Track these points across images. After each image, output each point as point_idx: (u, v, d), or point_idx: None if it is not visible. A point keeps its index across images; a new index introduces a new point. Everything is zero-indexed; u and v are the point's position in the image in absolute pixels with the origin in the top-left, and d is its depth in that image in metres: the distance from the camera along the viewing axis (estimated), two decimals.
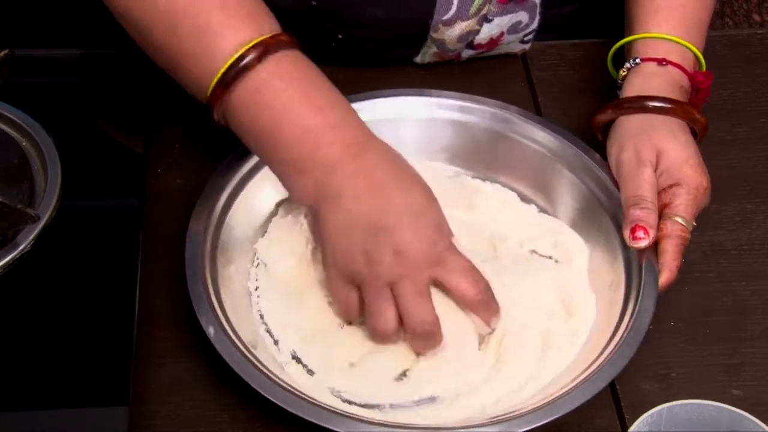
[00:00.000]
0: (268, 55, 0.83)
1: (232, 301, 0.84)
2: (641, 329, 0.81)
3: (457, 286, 0.82)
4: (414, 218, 0.81)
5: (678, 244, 0.86)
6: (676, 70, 0.94)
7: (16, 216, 0.84)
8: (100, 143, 0.94)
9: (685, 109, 0.91)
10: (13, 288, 0.83)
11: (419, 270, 0.81)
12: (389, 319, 0.81)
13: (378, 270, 0.80)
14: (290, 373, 0.83)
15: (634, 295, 0.84)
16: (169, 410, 0.82)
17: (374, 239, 0.80)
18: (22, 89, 0.95)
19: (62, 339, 0.81)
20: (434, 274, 0.81)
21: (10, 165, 0.91)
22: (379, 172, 0.83)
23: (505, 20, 1.02)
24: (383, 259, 0.80)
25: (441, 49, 1.04)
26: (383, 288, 0.81)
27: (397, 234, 0.80)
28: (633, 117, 0.91)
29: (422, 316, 0.81)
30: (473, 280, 0.82)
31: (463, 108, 0.96)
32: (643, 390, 0.84)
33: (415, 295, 0.81)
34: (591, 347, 0.83)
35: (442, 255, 0.81)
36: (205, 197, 0.88)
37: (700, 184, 0.88)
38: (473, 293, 0.82)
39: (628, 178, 0.88)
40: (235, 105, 0.84)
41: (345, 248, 0.81)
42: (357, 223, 0.81)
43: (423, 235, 0.81)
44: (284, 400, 0.76)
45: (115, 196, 0.91)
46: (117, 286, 0.84)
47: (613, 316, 0.84)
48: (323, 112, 0.84)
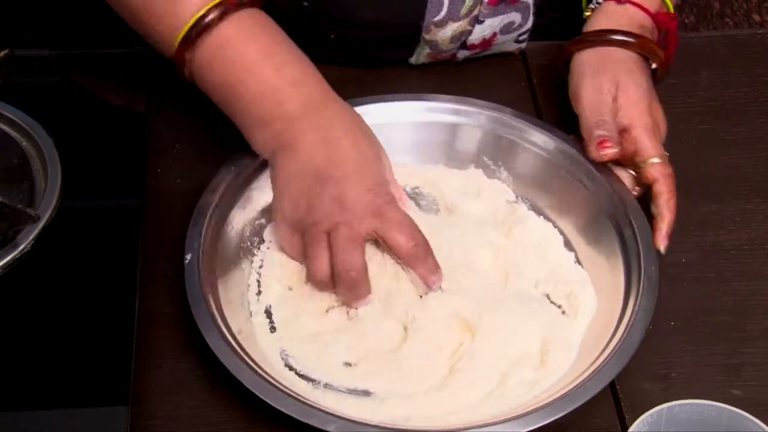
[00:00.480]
0: (231, 14, 0.87)
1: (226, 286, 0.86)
2: (641, 329, 0.81)
3: (393, 239, 0.84)
4: (359, 171, 0.85)
5: (668, 183, 0.90)
6: (635, 9, 0.97)
7: (16, 216, 0.84)
8: (100, 143, 0.94)
9: (645, 43, 0.95)
10: (13, 288, 0.83)
11: (356, 219, 0.83)
12: (323, 265, 0.84)
13: (316, 216, 0.84)
14: (255, 323, 0.86)
15: (634, 294, 0.84)
16: (169, 410, 0.82)
17: (319, 187, 0.84)
18: (22, 89, 0.95)
19: (62, 339, 0.81)
20: (372, 225, 0.84)
21: (10, 165, 0.91)
22: (334, 127, 0.87)
23: (497, 21, 1.03)
24: (323, 206, 0.84)
25: (434, 50, 1.04)
26: (320, 234, 0.84)
27: (340, 184, 0.84)
28: (592, 50, 0.96)
29: (350, 263, 0.83)
30: (409, 234, 0.84)
31: (458, 111, 0.96)
32: (643, 390, 0.84)
33: (347, 242, 0.83)
34: (591, 347, 0.83)
35: (381, 208, 0.84)
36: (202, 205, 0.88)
37: (653, 123, 0.92)
38: (408, 246, 0.84)
39: (589, 105, 0.93)
40: (199, 62, 0.88)
41: (292, 195, 0.86)
42: (306, 172, 0.85)
43: (365, 186, 0.84)
44: (283, 402, 0.76)
45: (115, 196, 0.91)
46: (117, 286, 0.84)
47: (613, 316, 0.84)
48: (284, 69, 0.88)
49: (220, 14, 0.87)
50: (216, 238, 0.87)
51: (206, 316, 0.80)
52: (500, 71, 1.08)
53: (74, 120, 0.95)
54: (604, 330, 0.83)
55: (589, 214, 0.91)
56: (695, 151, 0.99)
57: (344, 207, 0.83)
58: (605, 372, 0.79)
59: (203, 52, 0.88)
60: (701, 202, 0.96)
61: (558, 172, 0.93)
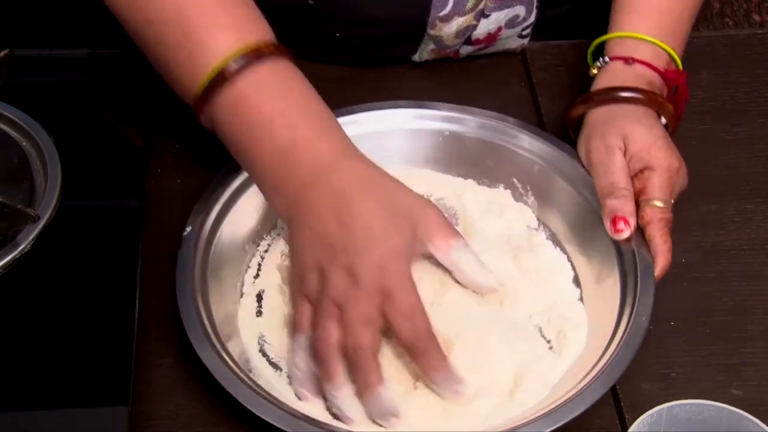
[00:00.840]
0: (250, 66, 0.83)
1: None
2: (640, 331, 0.81)
3: (397, 326, 0.79)
4: (373, 242, 0.80)
5: (662, 227, 0.86)
6: (642, 68, 0.94)
7: (16, 216, 0.84)
8: (100, 143, 0.94)
9: (652, 98, 0.92)
10: (13, 288, 0.83)
11: (368, 297, 0.79)
12: (330, 334, 0.79)
13: (328, 290, 0.79)
14: (243, 305, 0.87)
15: (631, 296, 0.84)
16: (169, 410, 0.82)
17: (330, 258, 0.80)
18: (22, 89, 0.95)
19: (62, 339, 0.81)
20: (382, 306, 0.79)
21: (10, 165, 0.91)
22: (349, 190, 0.82)
23: (502, 15, 1.02)
24: (334, 279, 0.79)
25: (439, 46, 1.04)
26: (331, 307, 0.79)
27: (351, 256, 0.79)
28: (600, 109, 0.92)
29: (360, 341, 0.78)
30: (414, 325, 0.79)
31: (450, 118, 0.96)
32: (643, 390, 0.84)
33: (358, 320, 0.78)
34: (590, 349, 0.83)
35: (392, 289, 0.79)
36: (200, 205, 0.88)
37: (670, 164, 0.88)
38: (411, 339, 0.79)
39: (599, 166, 0.89)
40: (216, 116, 0.85)
41: (304, 264, 0.81)
42: (318, 241, 0.81)
43: (377, 261, 0.79)
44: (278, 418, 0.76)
45: (115, 196, 0.91)
46: (117, 286, 0.84)
47: (609, 320, 0.84)
48: (298, 129, 0.84)
49: (239, 68, 0.83)
50: (223, 214, 0.88)
51: (190, 310, 0.81)
52: (500, 71, 1.08)
53: (74, 120, 0.95)
54: (603, 333, 0.83)
55: (581, 219, 0.91)
56: (695, 151, 0.99)
57: (354, 282, 0.79)
58: (607, 376, 0.79)
59: (220, 108, 0.84)
60: (701, 202, 0.96)
61: (583, 208, 0.91)
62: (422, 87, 1.05)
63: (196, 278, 0.84)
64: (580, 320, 0.87)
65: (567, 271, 0.91)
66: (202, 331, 0.80)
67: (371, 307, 0.79)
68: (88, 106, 0.97)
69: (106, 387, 0.78)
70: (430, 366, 0.80)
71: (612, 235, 0.87)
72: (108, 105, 0.98)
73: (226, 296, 0.87)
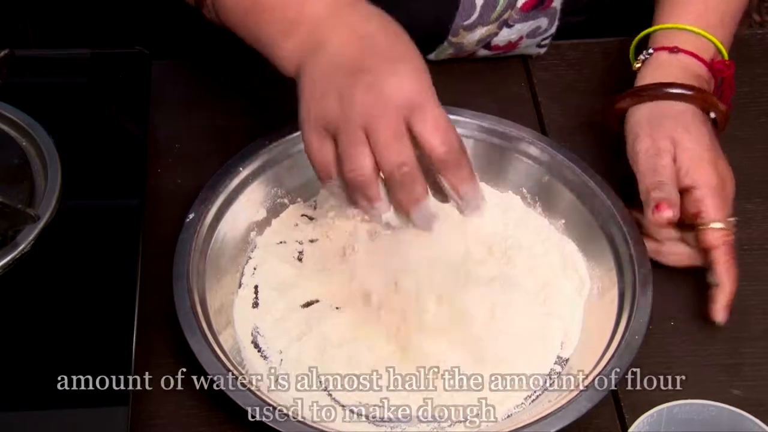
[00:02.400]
0: None
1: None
2: (640, 331, 0.81)
3: (426, 136, 0.75)
4: (397, 61, 0.77)
5: (726, 251, 0.85)
6: (689, 58, 0.92)
7: (16, 216, 0.84)
8: (100, 143, 0.94)
9: (705, 96, 0.90)
10: (13, 288, 0.83)
11: (394, 111, 0.75)
12: (364, 164, 0.75)
13: (351, 112, 0.75)
14: (240, 295, 0.88)
15: (630, 297, 0.84)
16: (169, 410, 0.82)
17: (352, 79, 0.75)
18: (22, 89, 0.95)
19: (62, 339, 0.81)
20: (408, 117, 0.75)
21: (10, 165, 0.91)
22: (365, 24, 0.79)
23: (526, 26, 1.02)
24: (356, 97, 0.75)
25: (457, 50, 1.04)
26: (357, 131, 0.75)
27: (375, 73, 0.75)
28: (646, 105, 0.91)
29: (399, 158, 0.75)
30: (444, 135, 0.76)
31: (508, 136, 0.96)
32: (643, 390, 0.84)
33: (392, 137, 0.74)
34: (590, 350, 0.84)
35: (421, 102, 0.75)
36: (204, 193, 0.89)
37: (719, 181, 0.87)
38: (441, 150, 0.76)
39: (647, 167, 0.87)
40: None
41: (321, 93, 0.77)
42: (337, 67, 0.77)
43: (402, 75, 0.75)
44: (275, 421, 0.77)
45: (115, 196, 0.91)
46: (117, 286, 0.84)
47: (609, 320, 0.84)
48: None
49: None
50: (228, 203, 0.88)
51: (185, 297, 0.82)
52: (501, 72, 1.08)
53: (74, 120, 0.95)
54: (601, 335, 0.84)
55: (579, 220, 0.92)
56: None
57: (379, 96, 0.74)
58: (607, 376, 0.79)
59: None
60: None
61: (580, 211, 0.92)
62: None
63: (194, 265, 0.84)
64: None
65: (570, 271, 0.91)
66: (194, 319, 0.81)
67: (400, 122, 0.75)
68: (88, 106, 0.97)
69: (106, 387, 0.78)
70: (461, 179, 0.77)
71: (652, 217, 0.85)
72: (108, 105, 0.98)
73: (224, 286, 0.88)
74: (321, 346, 0.84)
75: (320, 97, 0.76)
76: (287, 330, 0.86)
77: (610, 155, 0.97)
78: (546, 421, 0.77)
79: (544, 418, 0.77)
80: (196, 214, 0.87)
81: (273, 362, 0.84)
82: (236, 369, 0.80)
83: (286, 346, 0.85)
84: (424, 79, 0.77)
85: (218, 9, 0.84)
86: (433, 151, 0.76)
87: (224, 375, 0.78)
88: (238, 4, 0.83)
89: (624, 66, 0.98)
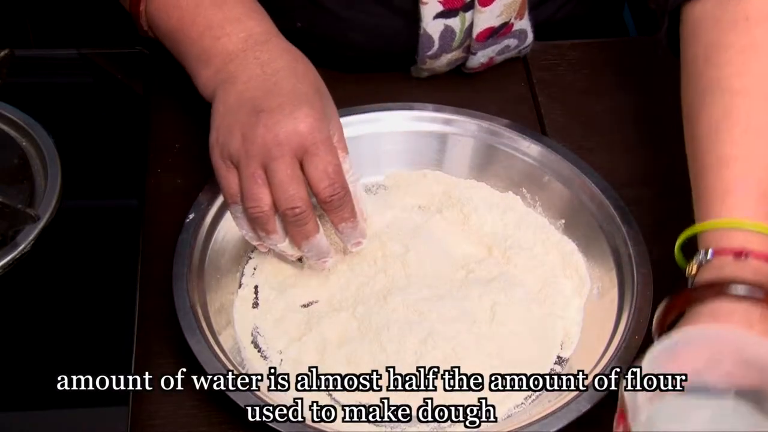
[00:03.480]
0: None
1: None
2: (640, 331, 0.81)
3: (314, 178, 0.82)
4: (296, 104, 0.82)
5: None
6: (760, 263, 0.75)
7: (16, 216, 0.84)
8: (100, 143, 0.94)
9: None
10: (13, 288, 0.83)
11: (290, 152, 0.81)
12: (262, 201, 0.82)
13: (251, 149, 0.81)
14: (240, 295, 0.88)
15: (630, 297, 0.84)
16: (169, 410, 0.82)
17: (254, 118, 0.82)
18: (22, 89, 0.95)
19: (62, 339, 0.81)
20: (302, 159, 0.82)
21: (10, 165, 0.91)
22: (273, 62, 0.85)
23: (490, 50, 1.02)
24: (257, 138, 0.81)
25: (431, 72, 1.04)
26: (257, 169, 0.82)
27: (275, 115, 0.81)
28: (706, 306, 0.75)
29: (293, 200, 0.81)
30: (331, 179, 0.82)
31: (446, 120, 0.96)
32: (643, 390, 0.84)
33: (287, 179, 0.81)
34: (590, 350, 0.84)
35: (313, 144, 0.81)
36: (204, 194, 0.89)
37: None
38: (327, 194, 0.82)
39: None
40: (150, 10, 0.90)
41: (227, 127, 0.83)
42: (243, 104, 0.83)
43: (299, 119, 0.81)
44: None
45: (115, 196, 0.92)
46: (117, 286, 0.84)
47: (609, 321, 0.84)
48: (225, 7, 0.88)
49: None
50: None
51: (185, 298, 0.82)
52: (500, 71, 1.08)
53: (74, 120, 0.95)
54: (600, 336, 0.84)
55: (578, 221, 0.92)
56: None
57: (279, 140, 0.81)
58: (607, 377, 0.79)
59: (153, 1, 0.89)
60: None
61: (580, 210, 0.92)
62: (422, 86, 1.05)
63: (194, 265, 0.84)
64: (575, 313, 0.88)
65: (570, 271, 0.91)
66: (194, 319, 0.81)
67: (295, 163, 0.82)
68: (88, 106, 0.97)
69: (106, 387, 0.78)
70: (341, 218, 0.84)
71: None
72: (108, 105, 0.98)
73: (224, 286, 0.88)
74: (321, 346, 0.84)
75: (227, 131, 0.83)
76: (287, 330, 0.86)
77: (610, 155, 0.97)
78: (546, 421, 0.77)
79: (544, 418, 0.77)
80: (196, 214, 0.87)
81: (273, 362, 0.84)
82: (236, 369, 0.80)
83: (286, 346, 0.85)
84: (319, 123, 0.82)
85: (153, 30, 0.91)
86: (319, 194, 0.83)
87: (224, 375, 0.78)
88: (166, 23, 0.90)
89: (624, 66, 0.98)
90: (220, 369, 0.78)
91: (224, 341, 0.82)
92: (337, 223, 0.85)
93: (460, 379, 0.82)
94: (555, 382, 0.83)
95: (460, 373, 0.82)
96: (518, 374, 0.82)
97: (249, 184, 0.82)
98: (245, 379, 0.78)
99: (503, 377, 0.82)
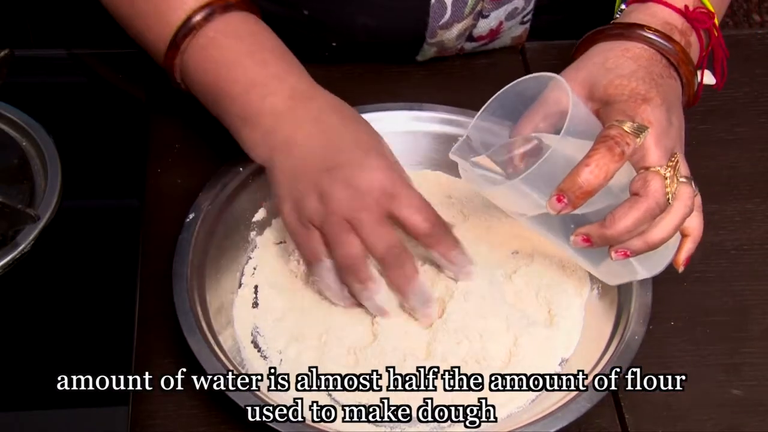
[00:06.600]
0: (216, 15, 0.87)
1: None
2: (640, 331, 0.81)
3: (408, 218, 0.81)
4: (365, 154, 0.82)
5: None
6: (658, 6, 0.87)
7: (16, 216, 0.84)
8: (100, 143, 0.94)
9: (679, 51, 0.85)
10: (13, 288, 0.83)
11: (374, 202, 0.80)
12: (353, 246, 0.81)
13: (333, 207, 0.80)
14: (239, 295, 0.88)
15: (630, 297, 0.84)
16: (169, 410, 0.82)
17: (327, 177, 0.81)
18: (22, 89, 0.95)
19: (62, 339, 0.81)
20: (387, 206, 0.81)
21: (10, 165, 0.91)
22: (325, 116, 0.85)
23: (502, 11, 1.02)
24: (336, 194, 0.80)
25: (440, 49, 1.04)
26: (342, 223, 0.81)
27: (348, 169, 0.81)
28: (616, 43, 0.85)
29: (387, 242, 0.80)
30: (425, 214, 0.82)
31: (446, 120, 0.96)
32: (643, 390, 0.84)
33: (375, 225, 0.80)
34: (590, 350, 0.83)
35: (395, 188, 0.81)
36: (204, 194, 0.89)
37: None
38: (424, 227, 0.81)
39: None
40: (186, 64, 0.88)
41: (299, 192, 0.82)
42: (310, 165, 0.82)
43: (375, 168, 0.81)
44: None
45: (115, 196, 0.92)
46: (117, 286, 0.84)
47: (609, 320, 0.84)
48: (268, 65, 0.87)
49: (206, 16, 0.87)
50: (228, 203, 0.89)
51: (184, 297, 0.82)
52: (501, 71, 1.07)
53: (74, 120, 0.95)
54: (600, 334, 0.84)
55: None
56: (695, 151, 0.98)
57: (357, 192, 0.80)
58: (607, 376, 0.79)
59: (190, 55, 0.88)
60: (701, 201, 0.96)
61: None
62: (422, 86, 1.05)
63: (194, 265, 0.84)
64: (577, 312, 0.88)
65: (570, 271, 0.91)
66: (194, 319, 0.81)
67: (381, 210, 0.81)
68: (88, 106, 0.97)
69: (106, 387, 0.78)
70: (448, 247, 0.82)
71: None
72: (108, 105, 0.98)
73: (224, 286, 0.88)
74: (321, 346, 0.84)
75: (301, 197, 0.82)
76: (287, 330, 0.86)
77: None
78: (546, 421, 0.77)
79: (544, 418, 0.77)
80: (196, 214, 0.87)
81: (273, 362, 0.84)
82: (236, 369, 0.80)
83: (286, 346, 0.85)
84: (392, 167, 0.83)
85: (187, 84, 0.90)
86: (418, 229, 0.81)
87: (224, 375, 0.78)
88: (205, 89, 0.88)
89: None
90: (220, 369, 0.78)
91: (224, 341, 0.82)
92: (446, 252, 0.83)
93: (460, 379, 0.82)
94: (555, 382, 0.83)
95: (460, 373, 0.82)
96: (518, 374, 0.82)
97: (337, 231, 0.81)
98: (245, 379, 0.78)
99: (503, 377, 0.82)
